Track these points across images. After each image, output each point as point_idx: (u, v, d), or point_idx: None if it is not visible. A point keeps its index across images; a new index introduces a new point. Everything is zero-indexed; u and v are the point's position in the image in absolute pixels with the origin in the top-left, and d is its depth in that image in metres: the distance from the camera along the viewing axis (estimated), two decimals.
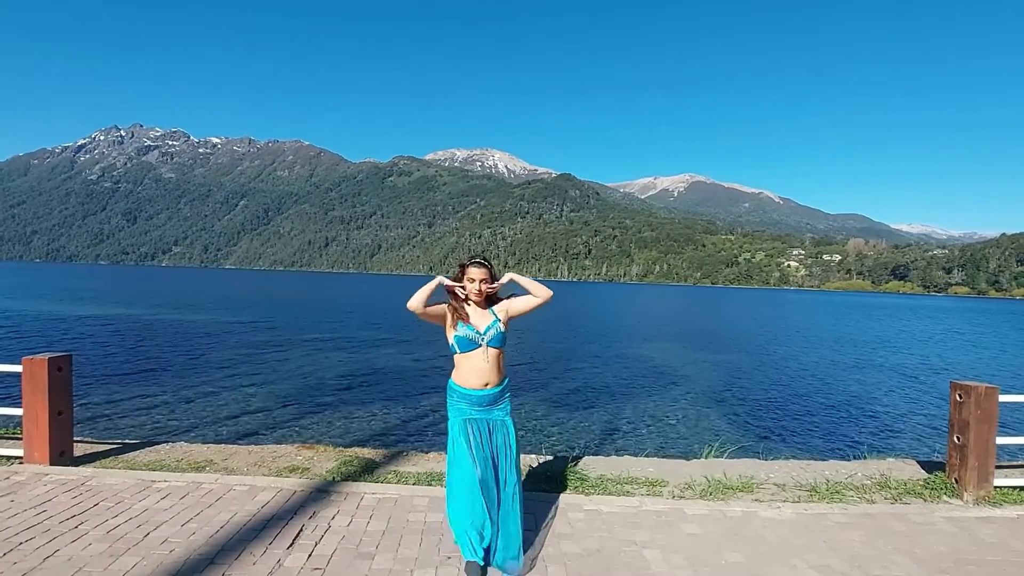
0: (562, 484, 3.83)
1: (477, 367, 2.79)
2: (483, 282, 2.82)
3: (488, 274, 2.84)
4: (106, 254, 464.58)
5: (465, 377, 2.81)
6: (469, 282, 2.83)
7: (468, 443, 2.70)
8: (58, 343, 17.04)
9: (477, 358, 2.79)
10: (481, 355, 2.79)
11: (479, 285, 2.82)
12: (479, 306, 2.88)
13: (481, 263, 2.85)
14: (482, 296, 2.85)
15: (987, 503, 3.67)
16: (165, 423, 8.80)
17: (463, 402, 2.81)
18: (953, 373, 17.16)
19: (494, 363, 2.81)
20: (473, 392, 2.79)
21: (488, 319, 2.85)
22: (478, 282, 2.81)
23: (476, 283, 2.81)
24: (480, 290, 2.82)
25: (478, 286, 2.82)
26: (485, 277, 2.83)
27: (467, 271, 2.84)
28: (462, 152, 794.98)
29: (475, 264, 2.85)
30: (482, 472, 2.64)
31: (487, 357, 2.79)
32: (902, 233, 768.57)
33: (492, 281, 2.87)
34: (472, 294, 2.83)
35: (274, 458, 4.35)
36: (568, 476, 3.94)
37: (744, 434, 9.29)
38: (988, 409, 3.68)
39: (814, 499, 3.76)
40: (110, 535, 2.93)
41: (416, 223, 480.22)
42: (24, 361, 3.89)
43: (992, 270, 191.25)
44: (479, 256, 2.90)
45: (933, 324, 40.41)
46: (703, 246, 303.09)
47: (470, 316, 2.84)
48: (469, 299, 2.86)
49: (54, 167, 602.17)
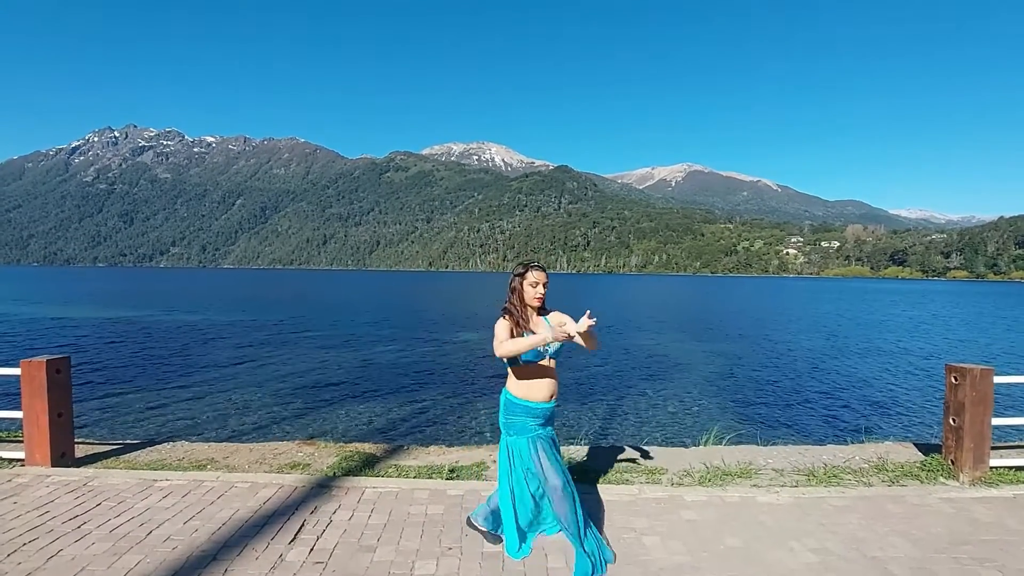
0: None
1: (543, 379, 2.70)
2: (545, 286, 2.74)
3: (546, 277, 2.77)
4: (104, 256, 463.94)
5: (530, 389, 2.70)
6: (531, 286, 2.71)
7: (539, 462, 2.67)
8: (56, 346, 17.04)
9: (541, 370, 2.70)
10: (545, 366, 2.71)
11: (542, 289, 2.72)
12: (538, 313, 2.78)
13: (542, 267, 2.77)
14: (543, 301, 2.76)
15: (983, 484, 3.70)
16: (165, 423, 8.83)
17: (527, 417, 2.71)
18: (949, 356, 17.22)
19: (554, 375, 2.76)
20: (540, 405, 2.70)
21: (548, 330, 2.69)
22: (541, 286, 2.72)
23: (539, 287, 2.71)
24: (542, 294, 2.72)
25: (541, 290, 2.72)
26: (546, 281, 2.75)
27: (529, 275, 2.72)
28: (459, 146, 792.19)
29: (538, 268, 2.74)
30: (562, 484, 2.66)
31: (550, 368, 2.73)
32: (900, 218, 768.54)
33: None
34: (535, 299, 2.72)
35: (275, 455, 4.38)
36: (568, 465, 3.96)
37: (743, 421, 9.33)
38: (983, 391, 3.70)
39: (812, 483, 3.79)
40: (113, 534, 2.95)
41: (414, 218, 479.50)
42: (23, 364, 3.90)
43: (990, 253, 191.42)
44: (535, 260, 2.83)
45: (930, 309, 40.48)
46: (702, 235, 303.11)
47: (534, 326, 2.73)
48: (529, 306, 2.75)
49: (48, 170, 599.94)
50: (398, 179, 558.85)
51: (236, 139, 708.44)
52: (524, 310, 2.72)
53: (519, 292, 2.72)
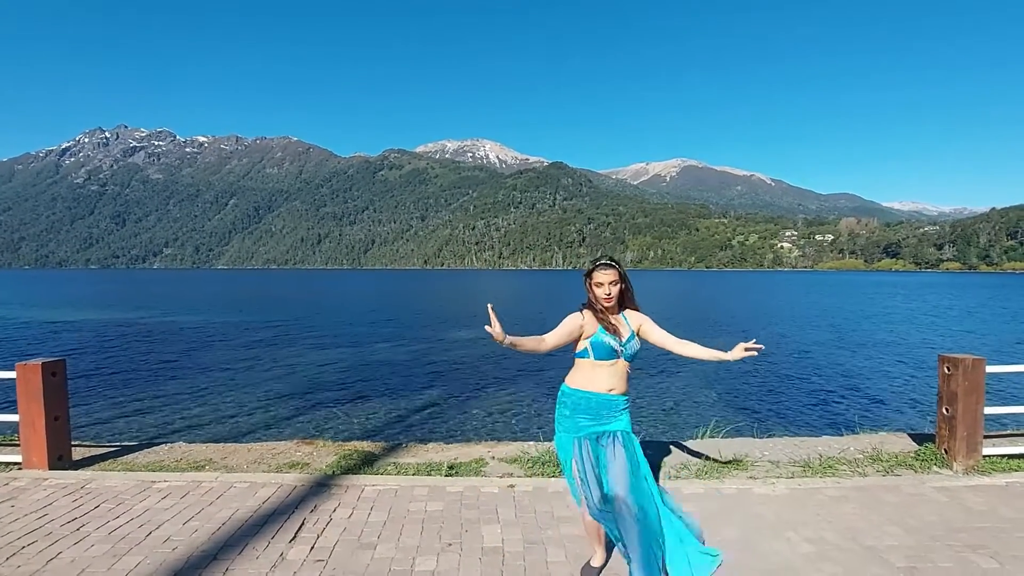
0: (560, 468, 3.88)
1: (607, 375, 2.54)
2: (612, 284, 2.51)
3: (618, 275, 2.53)
4: (96, 258, 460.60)
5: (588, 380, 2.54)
6: (597, 287, 2.51)
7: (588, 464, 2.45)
8: (52, 349, 16.93)
9: (609, 368, 2.53)
10: (618, 366, 2.54)
11: (608, 289, 2.50)
12: (612, 312, 2.57)
13: (608, 264, 2.54)
14: (611, 302, 2.53)
15: (976, 472, 3.74)
16: (163, 424, 8.80)
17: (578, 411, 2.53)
18: (942, 347, 17.37)
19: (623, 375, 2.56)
20: (595, 395, 2.52)
21: (627, 330, 2.56)
22: (607, 285, 2.50)
23: (605, 287, 2.50)
24: (610, 294, 2.51)
25: (607, 290, 2.50)
26: (614, 279, 2.51)
27: (593, 276, 2.53)
28: (453, 143, 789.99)
29: (600, 267, 2.52)
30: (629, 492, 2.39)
31: (620, 370, 2.55)
32: (893, 211, 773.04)
33: (623, 282, 2.55)
34: (604, 301, 2.52)
35: (273, 455, 4.38)
36: None
37: (739, 414, 9.39)
38: (975, 380, 3.74)
39: (808, 474, 3.83)
40: (112, 536, 2.95)
41: (409, 217, 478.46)
42: (18, 367, 3.88)
43: (983, 245, 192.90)
44: (605, 257, 2.56)
45: (923, 300, 40.79)
46: (696, 230, 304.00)
47: (610, 325, 2.53)
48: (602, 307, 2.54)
49: (39, 172, 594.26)
50: (392, 177, 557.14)
51: (228, 138, 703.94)
52: (603, 310, 2.54)
53: (591, 296, 2.56)
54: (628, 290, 2.59)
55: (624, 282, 2.55)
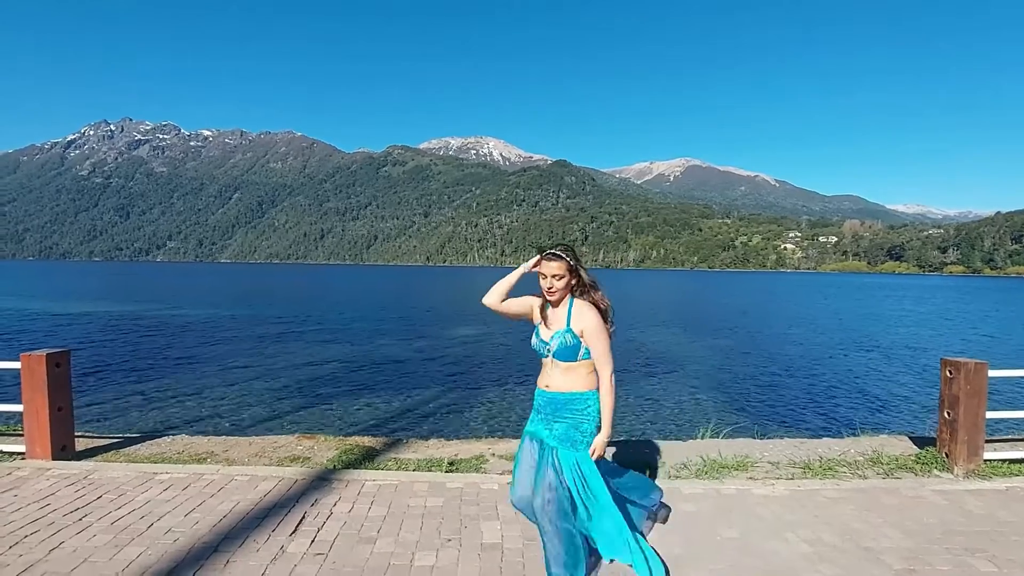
0: None
1: (547, 371, 2.49)
2: (556, 278, 2.35)
3: (566, 268, 2.35)
4: (100, 250, 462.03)
5: (540, 376, 2.53)
6: (541, 278, 2.40)
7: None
8: (56, 339, 17.01)
9: (548, 364, 2.47)
10: (555, 363, 2.43)
11: (550, 282, 2.36)
12: (553, 305, 2.43)
13: (555, 256, 2.36)
14: (555, 296, 2.38)
15: (977, 476, 3.74)
16: (165, 417, 8.84)
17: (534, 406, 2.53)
18: (945, 350, 17.33)
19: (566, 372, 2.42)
20: (538, 392, 2.50)
21: (561, 325, 2.38)
22: (549, 278, 2.36)
23: (547, 279, 2.37)
24: (552, 288, 2.36)
25: (549, 282, 2.36)
26: (558, 273, 2.34)
27: (540, 265, 2.40)
28: (456, 140, 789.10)
29: (547, 258, 2.37)
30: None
31: (560, 367, 2.43)
32: (898, 213, 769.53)
33: (574, 276, 2.40)
34: (547, 292, 2.39)
35: (275, 448, 4.40)
36: None
37: (739, 415, 9.39)
38: (978, 384, 3.73)
39: (807, 476, 3.83)
40: (114, 526, 2.97)
41: (412, 213, 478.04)
42: (23, 357, 3.90)
43: (987, 248, 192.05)
44: (557, 248, 2.38)
45: (926, 303, 40.65)
46: (700, 230, 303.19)
47: (547, 318, 2.45)
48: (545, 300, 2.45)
49: (43, 163, 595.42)
50: (396, 173, 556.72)
51: (232, 133, 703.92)
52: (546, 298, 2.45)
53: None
54: (582, 284, 2.42)
55: (575, 277, 2.40)
